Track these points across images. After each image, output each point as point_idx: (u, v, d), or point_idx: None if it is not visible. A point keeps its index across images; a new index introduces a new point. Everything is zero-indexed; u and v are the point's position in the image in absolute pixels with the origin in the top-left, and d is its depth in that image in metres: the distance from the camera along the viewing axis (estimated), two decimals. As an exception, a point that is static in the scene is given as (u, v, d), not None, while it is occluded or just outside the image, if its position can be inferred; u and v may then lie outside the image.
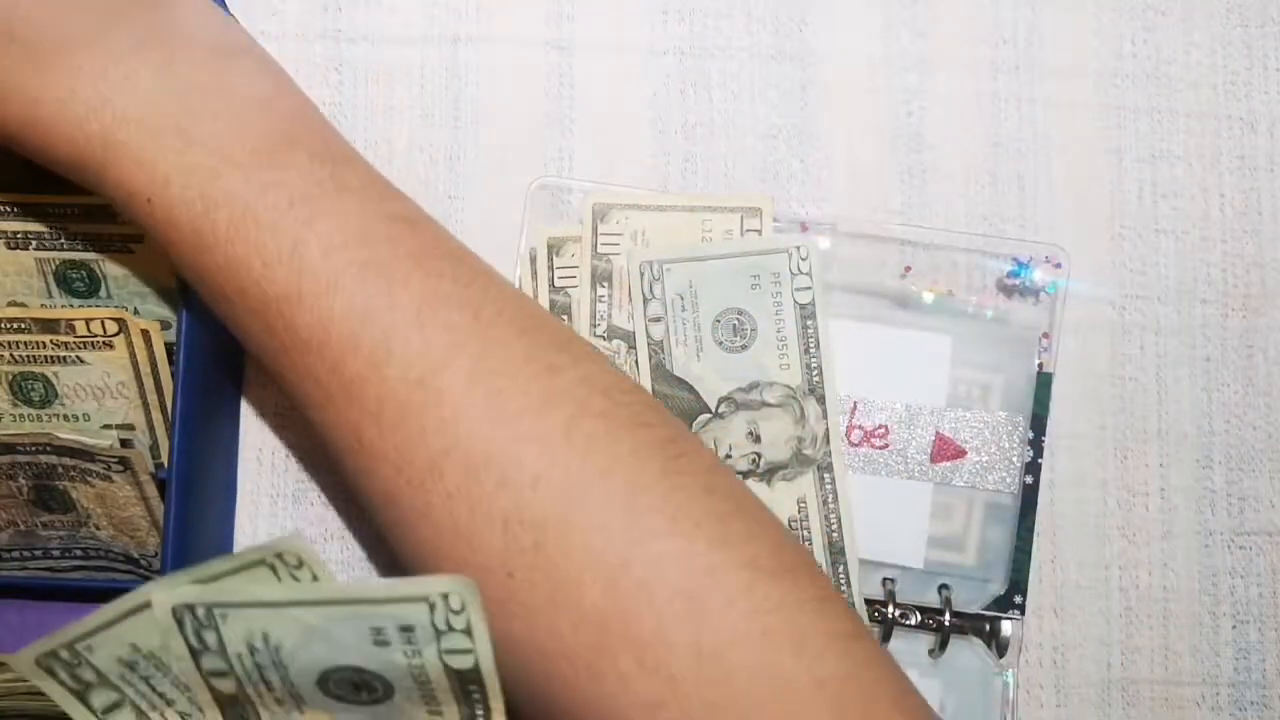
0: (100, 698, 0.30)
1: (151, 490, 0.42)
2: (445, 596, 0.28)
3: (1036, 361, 0.46)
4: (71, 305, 0.44)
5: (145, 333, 0.42)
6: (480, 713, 0.31)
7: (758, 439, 0.44)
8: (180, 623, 0.29)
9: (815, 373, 0.44)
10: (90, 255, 0.43)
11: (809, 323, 0.44)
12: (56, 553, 0.44)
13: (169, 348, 0.43)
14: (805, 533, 0.43)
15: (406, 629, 0.28)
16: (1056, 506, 0.47)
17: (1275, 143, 0.49)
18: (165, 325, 0.43)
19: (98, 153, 0.35)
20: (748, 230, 0.45)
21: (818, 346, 0.44)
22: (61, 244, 0.43)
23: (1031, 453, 0.45)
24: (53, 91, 0.35)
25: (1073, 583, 0.47)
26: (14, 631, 0.46)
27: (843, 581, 0.43)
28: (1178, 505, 0.47)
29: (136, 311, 0.44)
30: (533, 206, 0.47)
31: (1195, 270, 0.48)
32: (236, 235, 0.35)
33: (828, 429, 0.44)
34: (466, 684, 0.30)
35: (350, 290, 0.34)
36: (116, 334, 0.42)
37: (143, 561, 0.44)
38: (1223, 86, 0.49)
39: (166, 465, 0.41)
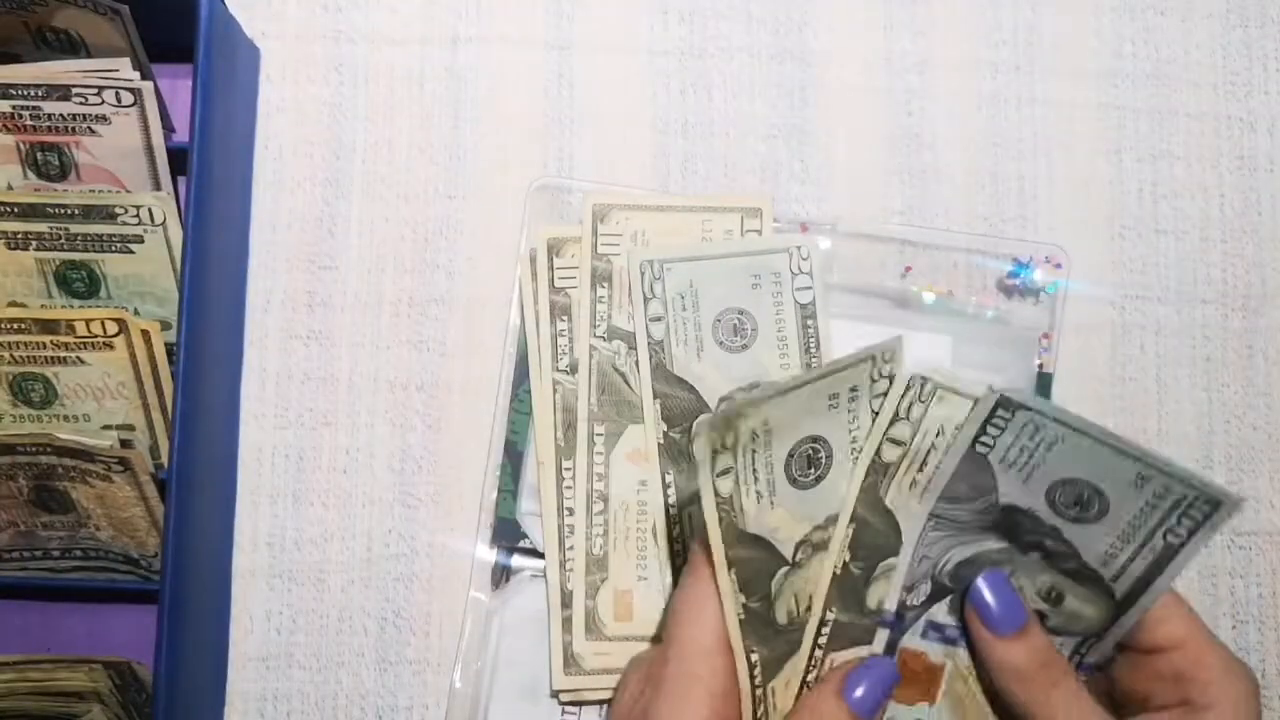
0: (723, 461, 0.32)
1: (151, 490, 0.42)
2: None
3: (1036, 361, 0.46)
4: (71, 305, 0.44)
5: (145, 333, 0.42)
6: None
7: None
8: (908, 389, 0.35)
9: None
10: (90, 255, 0.43)
11: (809, 322, 0.44)
12: (56, 553, 0.44)
13: (169, 348, 0.43)
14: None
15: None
16: (1056, 506, 0.47)
17: (1275, 143, 0.49)
18: (165, 325, 0.43)
19: None
20: (748, 230, 0.45)
21: (818, 346, 0.44)
22: (61, 244, 0.43)
23: (1031, 453, 0.45)
24: None
25: (1073, 583, 0.47)
26: (14, 631, 0.46)
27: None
28: (1178, 505, 0.47)
29: (136, 311, 0.44)
30: (533, 206, 0.47)
31: (1195, 270, 0.48)
32: None
33: None
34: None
35: None
36: (116, 334, 0.42)
37: (143, 561, 0.44)
38: (1223, 86, 0.49)
39: (166, 465, 0.41)
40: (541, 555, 0.44)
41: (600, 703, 0.44)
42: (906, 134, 0.49)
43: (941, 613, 0.36)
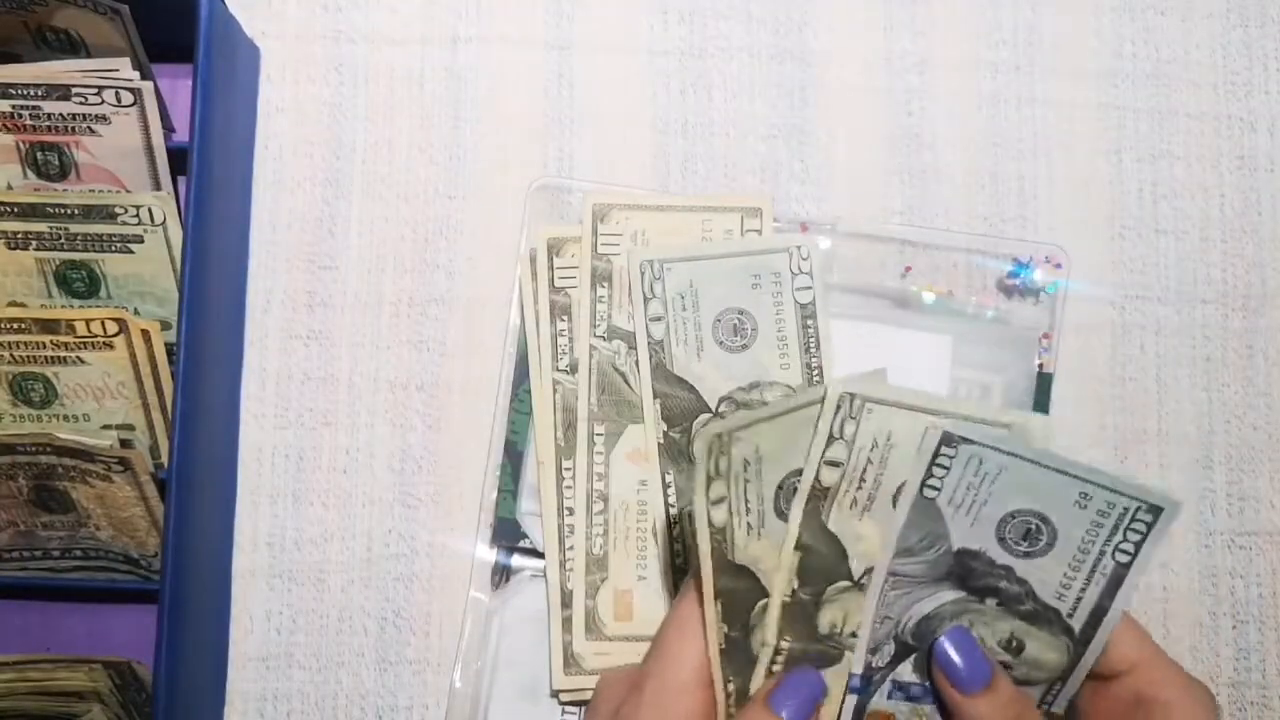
0: (716, 489, 0.33)
1: (151, 490, 0.42)
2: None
3: (1037, 361, 0.46)
4: (71, 305, 0.44)
5: (145, 333, 0.42)
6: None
7: None
8: (839, 408, 0.34)
9: (816, 373, 0.44)
10: (90, 255, 0.43)
11: (809, 322, 0.44)
12: (56, 553, 0.44)
13: (169, 348, 0.43)
14: None
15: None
16: (1056, 506, 0.47)
17: (1275, 143, 0.49)
18: (165, 325, 0.43)
19: None
20: (748, 230, 0.45)
21: (818, 346, 0.44)
22: (61, 244, 0.43)
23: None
24: None
25: (1073, 583, 0.47)
26: (14, 631, 0.46)
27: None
28: (1178, 505, 0.47)
29: (136, 311, 0.44)
30: (533, 206, 0.47)
31: (1195, 270, 0.48)
32: None
33: None
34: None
35: None
36: (116, 334, 0.42)
37: (143, 561, 0.44)
38: (1223, 86, 0.49)
39: (166, 465, 0.41)
40: (541, 555, 0.44)
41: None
42: (906, 134, 0.49)
43: (906, 671, 0.36)
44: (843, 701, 0.36)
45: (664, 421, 0.44)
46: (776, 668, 0.36)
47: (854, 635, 0.36)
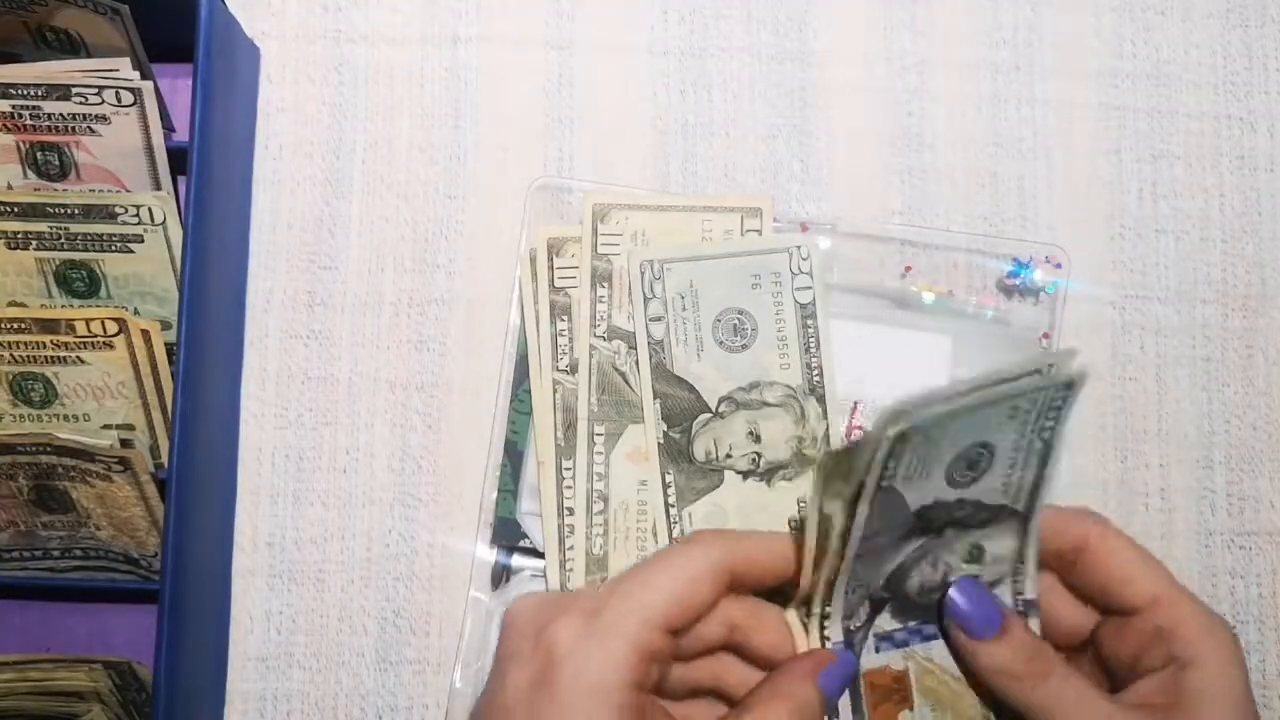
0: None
1: (151, 490, 0.42)
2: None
3: (1036, 361, 0.46)
4: (71, 305, 0.44)
5: (145, 333, 0.42)
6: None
7: (758, 439, 0.44)
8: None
9: (816, 373, 0.44)
10: (90, 255, 0.43)
11: (809, 322, 0.44)
12: (56, 553, 0.44)
13: (169, 348, 0.43)
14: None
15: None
16: (1056, 506, 0.47)
17: (1275, 143, 0.49)
18: (165, 325, 0.43)
19: None
20: (748, 230, 0.45)
21: (818, 346, 0.44)
22: (61, 244, 0.43)
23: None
24: None
25: (1073, 583, 0.47)
26: (14, 631, 0.46)
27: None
28: (1178, 505, 0.47)
29: (136, 311, 0.44)
30: (533, 206, 0.47)
31: (1195, 270, 0.48)
32: None
33: (828, 429, 0.44)
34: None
35: None
36: (116, 334, 0.42)
37: (143, 562, 0.44)
38: (1223, 86, 0.49)
39: (166, 465, 0.41)
40: (541, 555, 0.44)
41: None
42: (906, 134, 0.49)
43: (886, 622, 0.37)
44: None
45: (664, 421, 0.44)
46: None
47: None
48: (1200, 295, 0.48)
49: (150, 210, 0.42)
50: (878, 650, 0.37)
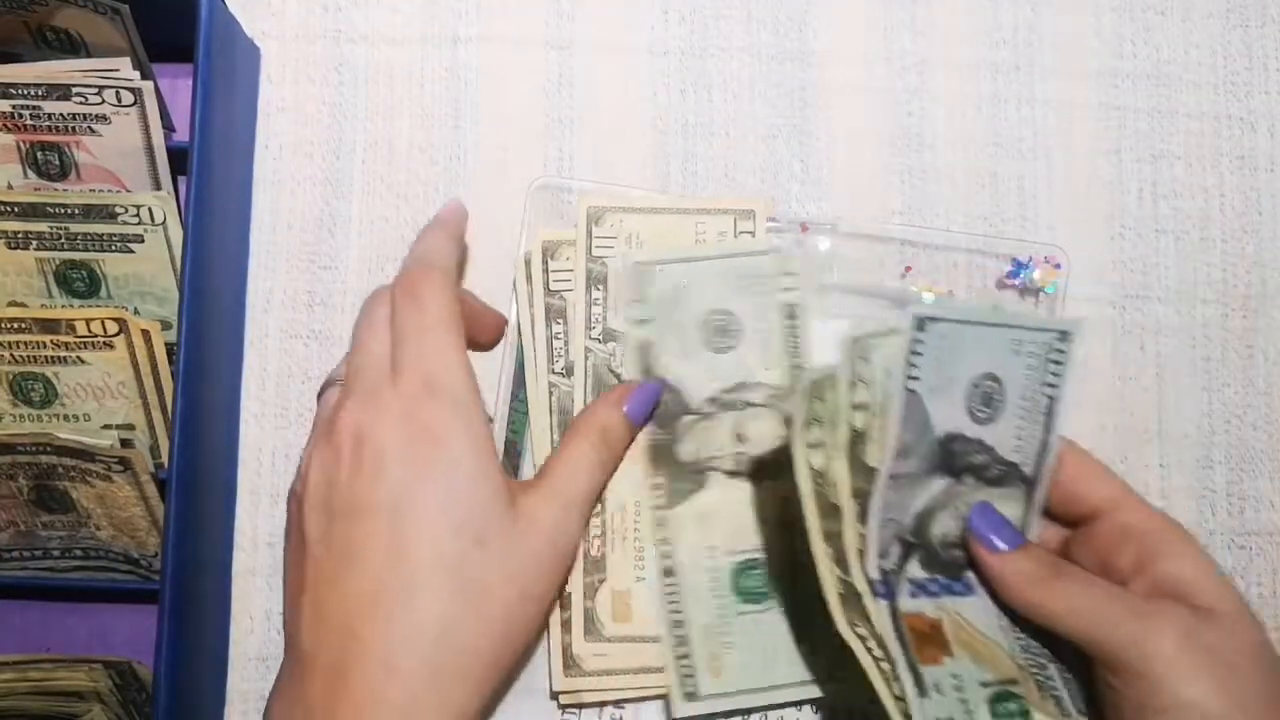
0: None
1: (151, 490, 0.42)
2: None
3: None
4: (71, 305, 0.44)
5: (145, 333, 0.42)
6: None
7: (743, 440, 0.44)
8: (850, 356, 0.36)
9: (800, 374, 0.44)
10: (90, 255, 0.43)
11: (794, 324, 0.44)
12: (56, 553, 0.44)
13: (169, 348, 0.43)
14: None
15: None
16: (1056, 507, 0.47)
17: (1275, 143, 0.49)
18: (165, 325, 0.43)
19: None
20: (741, 232, 0.45)
21: (803, 348, 0.44)
22: (61, 244, 0.43)
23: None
24: None
25: (1073, 583, 0.47)
26: (14, 631, 0.46)
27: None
28: (1178, 505, 0.47)
29: (136, 311, 0.44)
30: (533, 207, 0.47)
31: (1195, 270, 0.48)
32: None
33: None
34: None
35: None
36: (116, 334, 0.42)
37: (143, 561, 0.44)
38: (1223, 86, 0.49)
39: (166, 465, 0.41)
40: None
41: (600, 704, 0.44)
42: (906, 134, 0.49)
43: (916, 570, 0.38)
44: (876, 606, 0.36)
45: (650, 422, 0.43)
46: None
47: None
48: (1200, 295, 0.48)
49: (150, 210, 0.42)
50: (913, 596, 0.37)
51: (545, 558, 0.36)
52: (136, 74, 0.42)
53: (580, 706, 0.44)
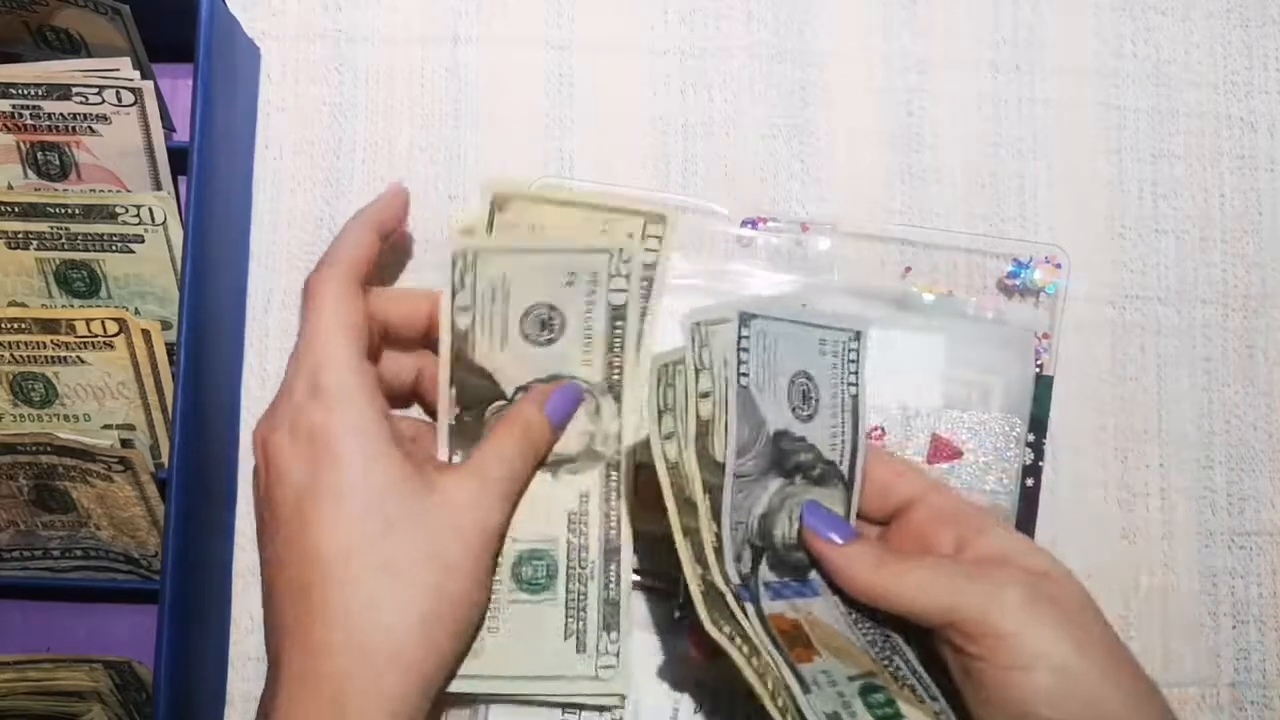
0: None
1: (152, 490, 0.42)
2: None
3: (1037, 362, 0.46)
4: (71, 305, 0.44)
5: (145, 333, 0.42)
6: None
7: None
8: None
9: (617, 372, 0.43)
10: (90, 255, 0.43)
11: (619, 324, 0.43)
12: (56, 553, 0.44)
13: (169, 348, 0.43)
14: (583, 527, 0.43)
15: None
16: (1057, 507, 0.47)
17: (1275, 143, 0.49)
18: (165, 325, 0.43)
19: None
20: (649, 235, 0.43)
21: (623, 348, 0.43)
22: (61, 244, 0.43)
23: (1032, 455, 0.45)
24: None
25: (1073, 583, 0.47)
26: (14, 631, 0.46)
27: (612, 581, 0.42)
28: (1178, 505, 0.47)
29: (137, 311, 0.44)
30: (533, 206, 0.47)
31: (1195, 270, 0.48)
32: None
33: (621, 428, 0.43)
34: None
35: None
36: (117, 334, 0.42)
37: (143, 561, 0.44)
38: (1223, 86, 0.49)
39: (166, 465, 0.41)
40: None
41: (599, 708, 0.43)
42: (906, 134, 0.49)
43: (767, 573, 0.38)
44: (744, 610, 0.36)
45: (457, 405, 0.42)
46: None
47: None
48: (1200, 295, 0.48)
49: (150, 210, 0.42)
50: (773, 599, 0.38)
51: (466, 531, 0.37)
52: (136, 74, 0.42)
53: (580, 708, 0.44)
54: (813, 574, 0.39)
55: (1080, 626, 0.35)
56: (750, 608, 0.36)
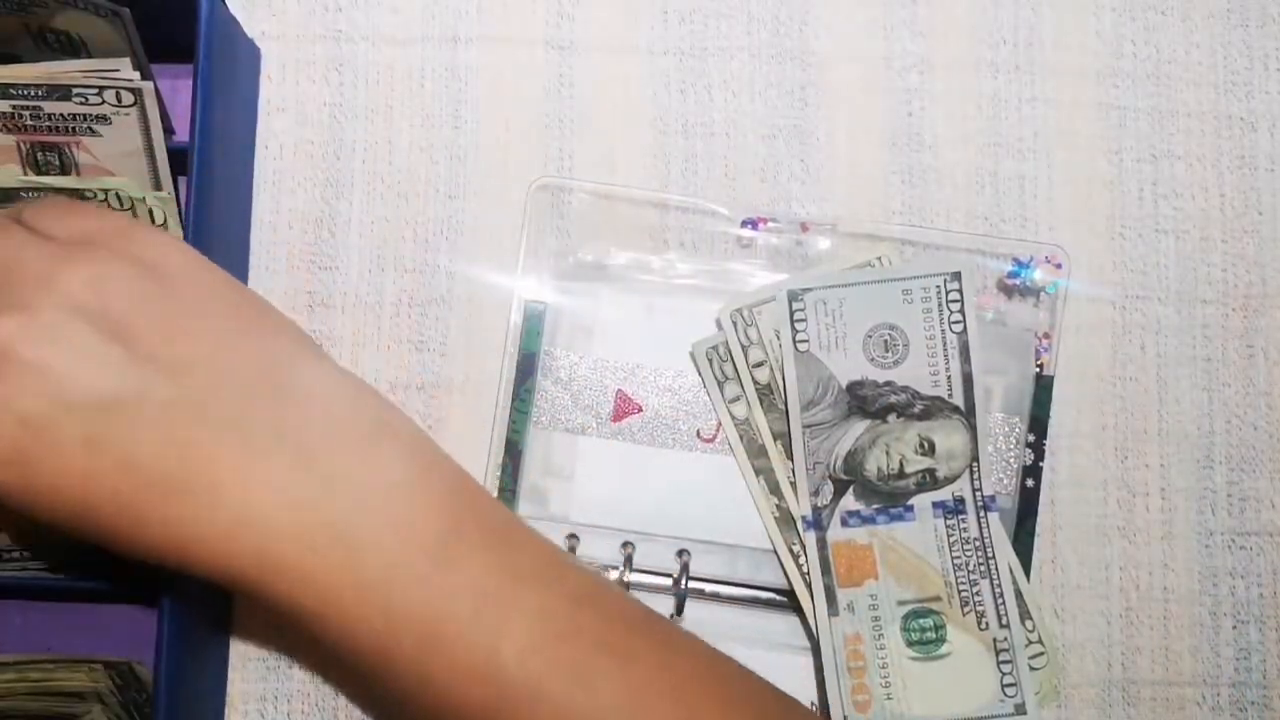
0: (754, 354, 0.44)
1: (152, 490, 0.42)
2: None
3: (1037, 362, 0.46)
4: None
5: (145, 333, 0.42)
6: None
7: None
8: (735, 325, 0.44)
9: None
10: (90, 255, 0.43)
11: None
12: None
13: (169, 348, 0.43)
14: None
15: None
16: (1057, 507, 0.47)
17: (1275, 143, 0.49)
18: (165, 325, 0.43)
19: (252, 571, 0.33)
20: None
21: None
22: (62, 244, 0.43)
23: (1032, 455, 0.45)
24: (191, 511, 0.33)
25: (1073, 583, 0.47)
26: (14, 631, 0.46)
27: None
28: (1178, 505, 0.47)
29: (137, 312, 0.44)
30: (533, 206, 0.47)
31: (1195, 270, 0.48)
32: (426, 654, 0.33)
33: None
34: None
35: (554, 697, 0.33)
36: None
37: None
38: (1223, 86, 0.49)
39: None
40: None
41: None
42: (906, 134, 0.49)
43: (850, 502, 0.43)
44: (801, 538, 0.43)
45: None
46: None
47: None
48: (1200, 295, 0.48)
49: (150, 210, 0.42)
50: (845, 525, 0.43)
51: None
52: (136, 74, 0.42)
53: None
54: (913, 500, 0.43)
55: None
56: (813, 535, 0.42)
